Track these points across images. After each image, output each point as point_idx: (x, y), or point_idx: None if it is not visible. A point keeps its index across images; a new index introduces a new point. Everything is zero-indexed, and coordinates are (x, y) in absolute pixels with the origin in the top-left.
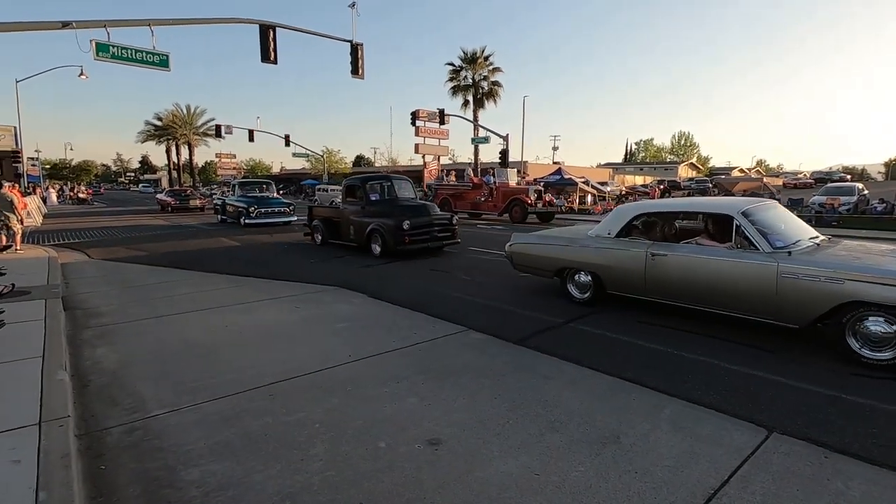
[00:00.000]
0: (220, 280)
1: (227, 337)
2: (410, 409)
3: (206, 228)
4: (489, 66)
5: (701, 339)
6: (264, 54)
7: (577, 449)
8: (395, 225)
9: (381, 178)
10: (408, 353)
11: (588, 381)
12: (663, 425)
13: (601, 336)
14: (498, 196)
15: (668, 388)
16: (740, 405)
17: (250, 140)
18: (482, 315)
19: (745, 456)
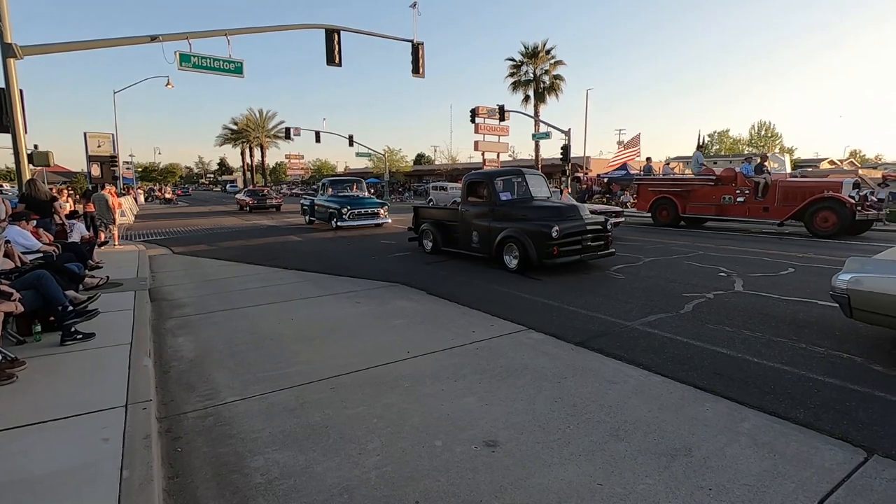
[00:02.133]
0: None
1: (293, 330)
2: (468, 408)
3: (291, 230)
4: (551, 60)
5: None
6: (329, 57)
7: (644, 460)
8: (540, 231)
9: (512, 172)
10: (466, 351)
11: (656, 388)
12: (742, 440)
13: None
14: (774, 194)
15: (747, 399)
16: (834, 422)
17: (317, 141)
18: (542, 314)
19: (839, 479)
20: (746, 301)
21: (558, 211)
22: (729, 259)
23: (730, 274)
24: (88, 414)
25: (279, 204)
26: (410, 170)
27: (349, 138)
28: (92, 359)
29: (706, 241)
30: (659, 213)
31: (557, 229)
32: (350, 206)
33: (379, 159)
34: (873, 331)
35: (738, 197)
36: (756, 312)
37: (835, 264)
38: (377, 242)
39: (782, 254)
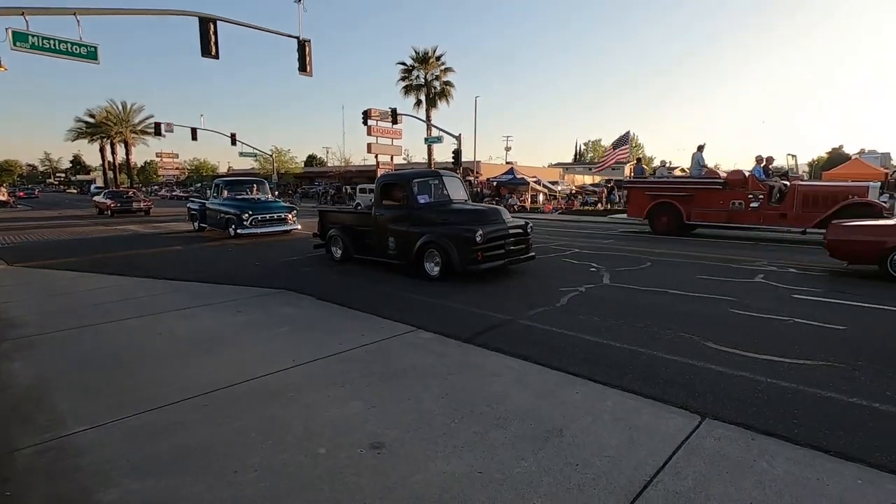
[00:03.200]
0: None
1: (161, 345)
2: (354, 412)
3: (170, 238)
4: (441, 66)
5: None
6: (204, 49)
7: (521, 445)
8: (463, 236)
9: (430, 174)
10: (354, 355)
11: (534, 376)
12: (604, 417)
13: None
14: (793, 199)
15: (610, 380)
16: (677, 394)
17: (193, 139)
18: (427, 313)
19: (679, 442)
20: (612, 293)
21: (481, 214)
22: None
23: (599, 269)
24: None
25: (148, 208)
26: (301, 171)
27: (231, 137)
28: None
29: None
30: (657, 220)
31: (482, 233)
32: (252, 211)
33: (266, 160)
34: (709, 313)
35: (750, 202)
36: (620, 302)
37: (685, 258)
38: (274, 250)
39: (641, 250)
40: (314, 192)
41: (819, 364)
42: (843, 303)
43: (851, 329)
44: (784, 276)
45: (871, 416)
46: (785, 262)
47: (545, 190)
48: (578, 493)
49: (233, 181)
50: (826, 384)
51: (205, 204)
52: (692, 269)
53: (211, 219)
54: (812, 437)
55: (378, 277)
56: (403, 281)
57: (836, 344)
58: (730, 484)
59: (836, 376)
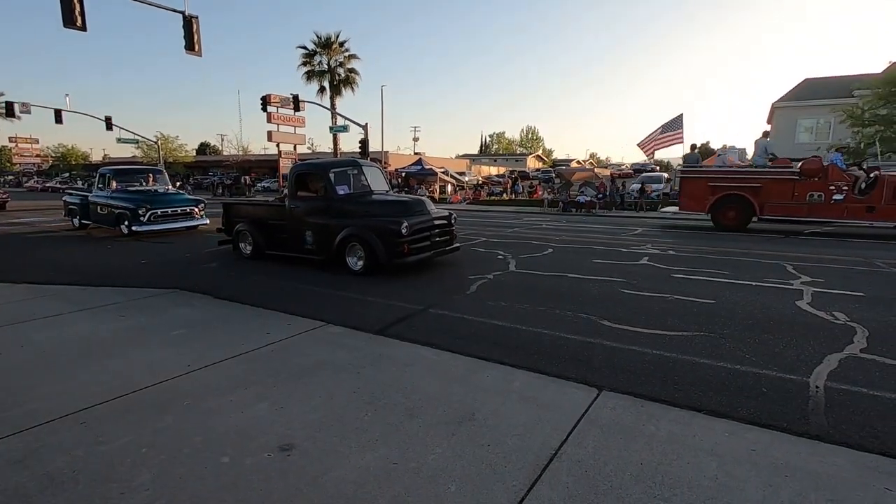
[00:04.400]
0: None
1: (24, 359)
2: (259, 415)
3: (37, 238)
4: (345, 53)
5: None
6: (67, 17)
7: (435, 432)
8: (388, 228)
9: (348, 163)
10: (258, 355)
11: (446, 364)
12: (513, 397)
13: (461, 319)
14: (882, 191)
15: (517, 361)
16: (577, 370)
17: (58, 121)
18: (337, 307)
19: (580, 415)
20: (517, 278)
21: (405, 205)
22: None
23: (505, 257)
24: None
25: (3, 201)
26: (192, 160)
27: (107, 120)
28: None
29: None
30: (723, 215)
31: (407, 225)
32: (150, 205)
33: (150, 147)
34: (599, 294)
35: (833, 194)
36: (525, 287)
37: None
38: (169, 248)
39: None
40: (208, 182)
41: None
42: None
43: None
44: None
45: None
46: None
47: (453, 181)
48: (491, 473)
49: (123, 170)
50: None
51: (87, 197)
52: (587, 254)
53: (96, 214)
54: (689, 399)
55: (290, 273)
56: (316, 276)
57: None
58: (623, 448)
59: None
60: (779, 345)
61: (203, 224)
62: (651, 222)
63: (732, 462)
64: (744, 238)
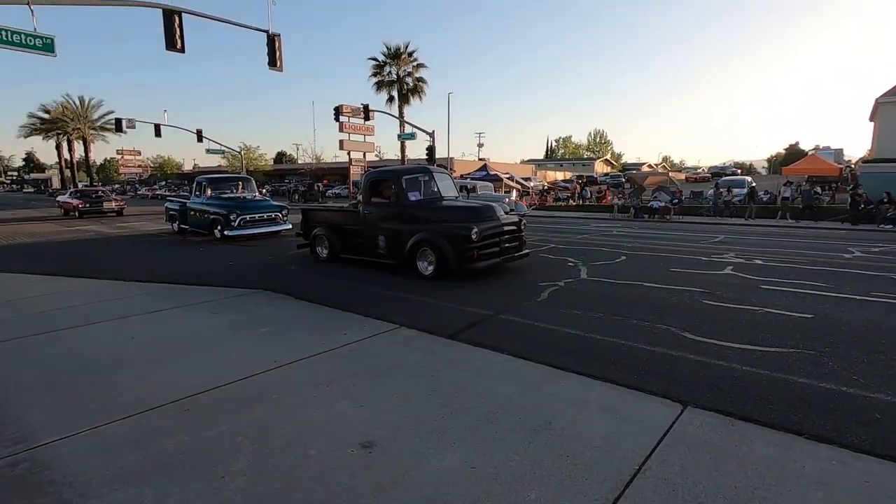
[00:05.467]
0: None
1: (134, 350)
2: (342, 412)
3: (142, 240)
4: (413, 62)
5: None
6: (169, 42)
7: (512, 438)
8: (458, 233)
9: (419, 170)
10: (337, 354)
11: (519, 371)
12: (591, 408)
13: (530, 326)
14: None
15: (593, 371)
16: (658, 383)
17: (157, 135)
18: (411, 311)
19: (664, 430)
20: (590, 286)
21: (475, 211)
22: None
23: (576, 264)
24: None
25: (121, 208)
26: (270, 169)
27: (198, 133)
28: None
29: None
30: None
31: (476, 231)
32: (240, 211)
33: (234, 157)
34: (679, 304)
35: None
36: (598, 295)
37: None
38: (254, 250)
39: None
40: (284, 189)
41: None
42: None
43: None
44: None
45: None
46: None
47: (518, 186)
48: (571, 484)
49: (217, 179)
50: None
51: (186, 203)
52: (663, 262)
53: (193, 219)
54: (787, 421)
55: (364, 277)
56: (388, 279)
57: None
58: (714, 469)
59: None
60: (893, 366)
61: (285, 229)
62: (736, 229)
63: (843, 492)
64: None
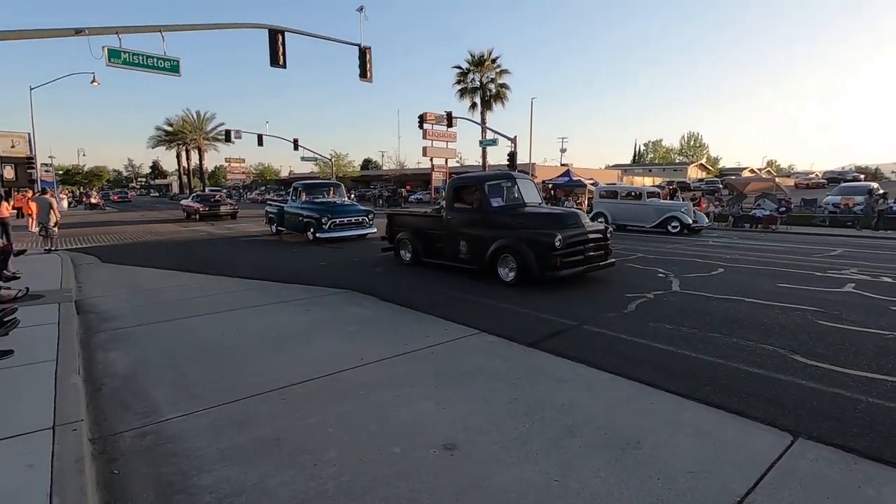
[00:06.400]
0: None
1: (238, 340)
2: (424, 412)
3: (245, 240)
4: (496, 69)
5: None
6: (273, 58)
7: (597, 454)
8: (540, 240)
9: (502, 176)
10: (420, 356)
11: (605, 385)
12: (685, 429)
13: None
14: None
15: (687, 391)
16: (764, 409)
17: (259, 144)
18: (493, 317)
19: (770, 462)
20: (682, 300)
21: (559, 218)
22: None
23: (667, 275)
24: (7, 439)
25: (235, 211)
26: (357, 175)
27: (294, 142)
28: (10, 378)
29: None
30: None
31: (560, 238)
32: (331, 215)
33: (325, 164)
34: (788, 324)
35: None
36: (692, 310)
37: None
38: (342, 252)
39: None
40: (370, 194)
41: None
42: None
43: None
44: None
45: None
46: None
47: None
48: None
49: (311, 184)
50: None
51: (283, 207)
52: (768, 276)
53: (289, 222)
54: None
55: (445, 281)
56: (470, 284)
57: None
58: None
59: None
60: None
61: (371, 232)
62: (857, 242)
63: None
64: None
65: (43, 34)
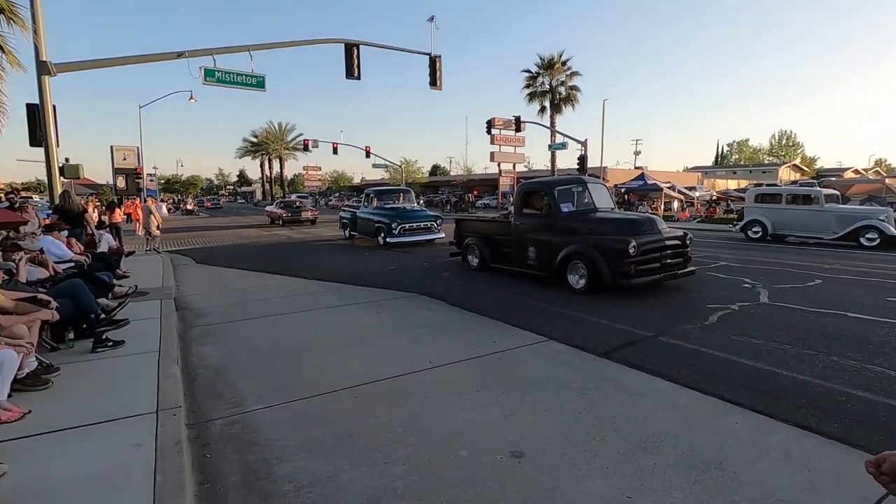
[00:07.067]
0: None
1: (315, 339)
2: (491, 418)
3: (322, 244)
4: (567, 71)
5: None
6: (349, 71)
7: (674, 473)
8: (613, 247)
9: (573, 180)
10: (488, 361)
11: (683, 400)
12: (773, 453)
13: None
14: None
15: (777, 412)
16: (869, 437)
17: (334, 153)
18: (563, 325)
19: (878, 496)
20: (772, 312)
21: (633, 224)
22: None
23: (753, 285)
24: (120, 420)
25: (315, 217)
26: (426, 181)
27: (366, 150)
28: (122, 366)
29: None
30: None
31: (635, 245)
32: (401, 220)
33: (395, 170)
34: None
35: None
36: (783, 324)
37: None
38: (410, 256)
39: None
40: (438, 200)
41: None
42: None
43: None
44: None
45: None
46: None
47: (681, 196)
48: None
49: (382, 191)
50: None
51: (356, 213)
52: (876, 289)
53: (361, 227)
54: None
55: (512, 286)
56: (538, 291)
57: None
58: None
59: None
60: None
61: (439, 237)
62: None
63: None
64: None
65: (150, 58)
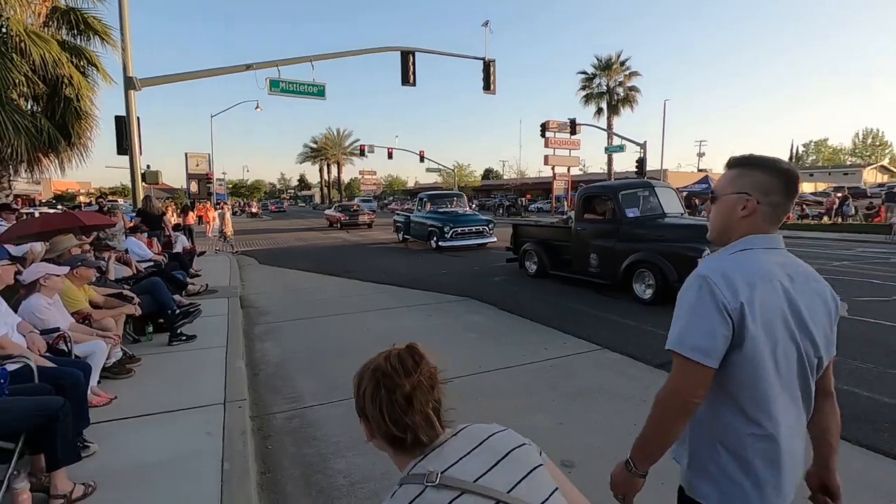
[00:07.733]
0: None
1: (369, 339)
2: (541, 426)
3: (377, 246)
4: (625, 71)
5: None
6: (405, 77)
7: None
8: (684, 255)
9: (639, 184)
10: (539, 368)
11: None
12: (852, 477)
13: None
14: None
15: (858, 437)
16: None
17: (389, 158)
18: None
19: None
20: (852, 328)
21: (706, 230)
22: None
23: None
24: (193, 409)
25: (371, 221)
26: (479, 184)
27: (420, 155)
28: (194, 359)
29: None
30: None
31: (708, 252)
32: (453, 224)
33: (448, 174)
34: None
35: None
36: (864, 340)
37: None
38: (464, 261)
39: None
40: (490, 204)
41: None
42: None
43: None
44: None
45: None
46: None
47: None
48: None
49: (435, 195)
50: None
51: (409, 217)
52: None
53: (415, 231)
54: None
55: (566, 293)
56: (596, 299)
57: None
58: None
59: None
60: None
61: (491, 242)
62: None
63: None
64: None
65: (224, 71)
